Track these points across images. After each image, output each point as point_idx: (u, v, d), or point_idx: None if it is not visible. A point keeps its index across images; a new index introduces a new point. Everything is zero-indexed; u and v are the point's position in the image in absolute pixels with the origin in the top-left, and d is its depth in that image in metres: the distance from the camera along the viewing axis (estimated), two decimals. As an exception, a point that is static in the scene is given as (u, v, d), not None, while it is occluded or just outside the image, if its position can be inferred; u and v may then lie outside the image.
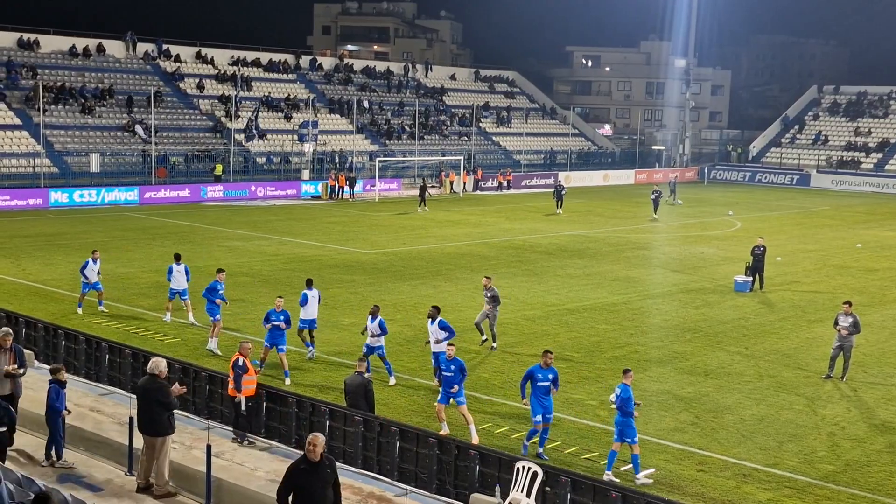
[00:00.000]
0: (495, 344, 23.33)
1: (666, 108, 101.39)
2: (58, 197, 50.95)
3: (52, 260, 33.85)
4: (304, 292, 21.82)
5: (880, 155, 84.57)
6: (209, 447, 13.37)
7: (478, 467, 13.67)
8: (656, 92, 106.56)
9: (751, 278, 31.71)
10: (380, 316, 20.23)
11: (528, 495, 12.86)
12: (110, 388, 17.87)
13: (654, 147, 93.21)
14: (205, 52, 74.73)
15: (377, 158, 64.57)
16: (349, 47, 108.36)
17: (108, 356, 18.61)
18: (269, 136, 68.20)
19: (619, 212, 56.67)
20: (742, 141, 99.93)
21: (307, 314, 21.57)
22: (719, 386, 20.83)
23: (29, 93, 59.58)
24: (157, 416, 13.57)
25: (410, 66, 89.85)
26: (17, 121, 57.99)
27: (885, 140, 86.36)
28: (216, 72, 72.90)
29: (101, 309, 25.76)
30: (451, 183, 65.93)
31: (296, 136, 67.20)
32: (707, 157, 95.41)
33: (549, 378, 16.31)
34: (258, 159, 65.61)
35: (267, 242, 39.63)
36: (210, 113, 68.06)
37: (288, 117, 70.79)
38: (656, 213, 52.51)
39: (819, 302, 30.12)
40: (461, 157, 69.06)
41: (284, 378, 19.99)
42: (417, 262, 35.65)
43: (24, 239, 38.75)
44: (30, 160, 55.04)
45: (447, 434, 16.24)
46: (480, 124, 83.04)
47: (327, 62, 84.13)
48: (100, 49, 68.74)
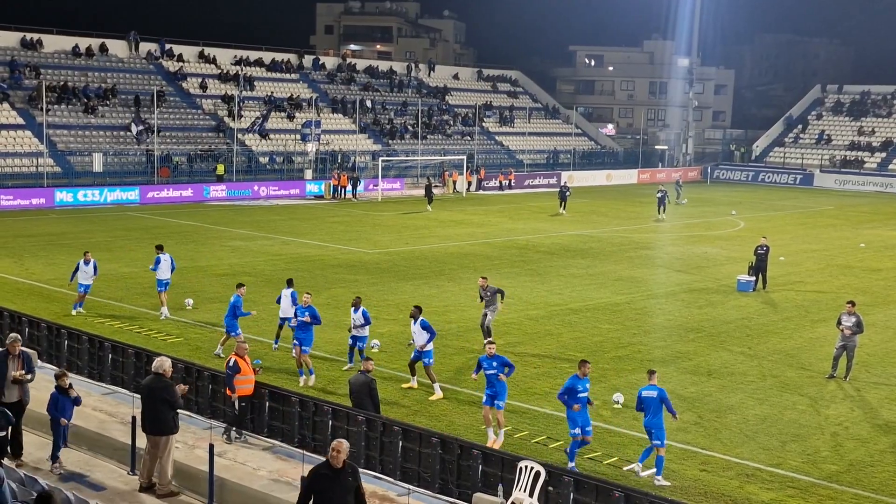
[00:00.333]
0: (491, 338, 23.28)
1: (669, 108, 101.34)
2: (63, 196, 51.03)
3: (55, 259, 33.87)
4: (282, 292, 22.45)
5: (884, 154, 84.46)
6: (212, 446, 13.36)
7: (480, 467, 13.65)
8: (659, 91, 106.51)
9: (754, 278, 31.68)
10: (363, 307, 20.79)
11: (530, 495, 12.83)
12: (113, 387, 17.88)
13: (657, 147, 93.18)
14: (208, 51, 74.78)
15: (380, 158, 64.57)
16: (352, 47, 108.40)
17: (110, 356, 18.60)
18: (271, 136, 68.21)
19: (622, 211, 56.63)
20: (745, 140, 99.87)
21: (285, 312, 22.12)
22: (722, 386, 20.80)
23: (32, 92, 59.64)
24: (162, 416, 13.56)
25: (413, 65, 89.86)
26: (20, 120, 58.05)
27: (889, 139, 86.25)
28: (219, 71, 72.94)
29: (79, 310, 25.36)
30: (455, 183, 65.93)
31: (299, 136, 67.23)
32: (710, 156, 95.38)
33: (587, 388, 15.93)
34: (261, 159, 65.64)
35: (270, 242, 39.63)
36: (213, 113, 68.10)
37: (291, 117, 70.82)
38: (662, 213, 52.37)
39: (822, 302, 30.07)
40: (464, 157, 69.08)
41: (302, 377, 19.95)
42: (420, 262, 35.64)
43: (27, 238, 38.78)
44: (33, 160, 55.10)
45: (493, 443, 16.12)
46: (483, 124, 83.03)
47: (330, 62, 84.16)
48: (103, 49, 68.81)
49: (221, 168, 60.40)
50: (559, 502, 12.86)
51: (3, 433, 13.33)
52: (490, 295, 23.15)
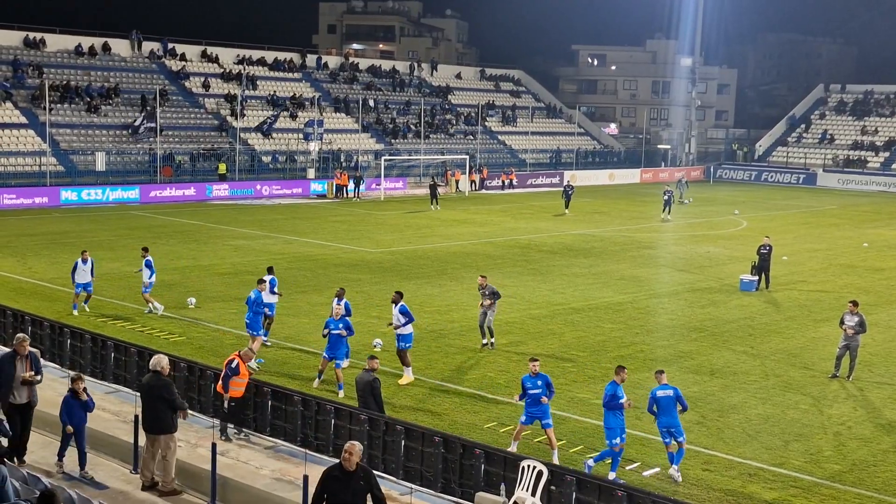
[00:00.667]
0: (493, 339, 23.23)
1: (672, 107, 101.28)
2: (66, 195, 51.11)
3: (58, 258, 33.89)
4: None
5: (887, 154, 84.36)
6: (214, 445, 13.37)
7: (483, 466, 13.65)
8: (662, 91, 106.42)
9: (757, 277, 31.65)
10: (345, 299, 21.13)
11: (533, 494, 12.83)
12: (115, 386, 17.90)
13: (659, 146, 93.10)
14: (210, 50, 74.83)
15: (383, 157, 64.59)
16: (354, 46, 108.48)
17: (113, 354, 18.63)
18: (274, 135, 68.22)
19: (624, 211, 56.61)
20: (748, 140, 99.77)
21: (265, 300, 22.33)
22: (725, 385, 20.79)
23: (35, 92, 59.71)
24: (161, 414, 13.55)
25: (416, 64, 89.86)
26: (23, 119, 58.11)
27: (892, 139, 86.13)
28: (221, 71, 72.98)
29: (84, 306, 25.28)
30: (457, 182, 65.92)
31: (301, 135, 67.24)
32: (713, 156, 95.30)
33: (624, 395, 15.71)
34: (264, 158, 65.66)
35: (272, 241, 39.65)
36: (215, 112, 68.12)
37: (293, 116, 70.83)
38: (668, 213, 52.19)
39: (825, 301, 30.05)
40: (466, 157, 69.07)
41: (317, 380, 19.65)
42: (423, 262, 35.64)
43: (30, 237, 38.81)
44: (36, 159, 55.14)
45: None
46: (486, 123, 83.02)
47: (333, 61, 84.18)
48: (105, 48, 68.85)
49: (223, 167, 60.43)
50: (561, 502, 12.86)
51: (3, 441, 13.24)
52: (488, 294, 23.08)
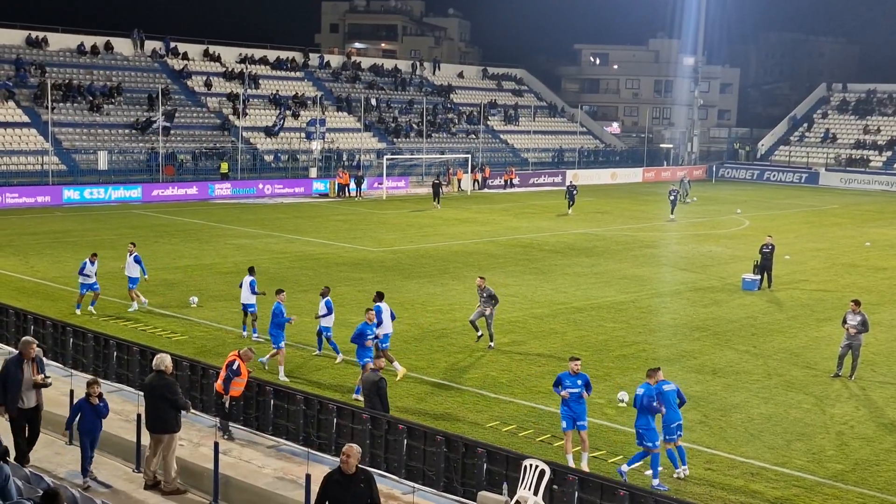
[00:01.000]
0: (493, 343, 23.13)
1: (674, 106, 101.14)
2: (69, 194, 51.17)
3: (61, 257, 33.92)
4: (243, 279, 23.61)
5: (889, 153, 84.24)
6: (217, 444, 13.39)
7: (485, 465, 13.65)
8: (665, 90, 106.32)
9: (759, 277, 31.63)
10: (328, 297, 21.60)
11: (535, 493, 12.84)
12: (118, 385, 17.93)
13: (662, 145, 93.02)
14: (212, 49, 74.85)
15: (385, 156, 64.60)
16: (357, 45, 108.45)
17: (115, 353, 18.65)
18: (280, 134, 68.22)
19: (626, 210, 56.58)
20: (750, 139, 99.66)
21: (245, 299, 23.34)
22: (727, 384, 20.78)
23: (37, 90, 59.74)
24: (164, 414, 13.57)
25: (418, 63, 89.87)
26: (25, 118, 58.15)
27: (895, 138, 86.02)
28: (224, 69, 73.01)
29: (91, 309, 25.17)
30: (459, 181, 65.92)
31: (303, 134, 67.25)
32: (715, 155, 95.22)
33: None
34: (266, 157, 65.68)
35: (274, 240, 39.66)
36: (218, 111, 68.15)
37: (296, 115, 70.84)
38: (673, 213, 52.02)
39: (827, 300, 30.03)
40: (468, 156, 69.06)
41: (354, 393, 18.98)
42: (425, 261, 35.64)
43: (32, 236, 38.84)
44: (38, 158, 55.18)
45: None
46: (488, 122, 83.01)
47: (335, 60, 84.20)
48: (108, 47, 68.89)
49: (225, 166, 60.45)
50: (564, 501, 12.86)
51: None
52: (486, 297, 23.02)
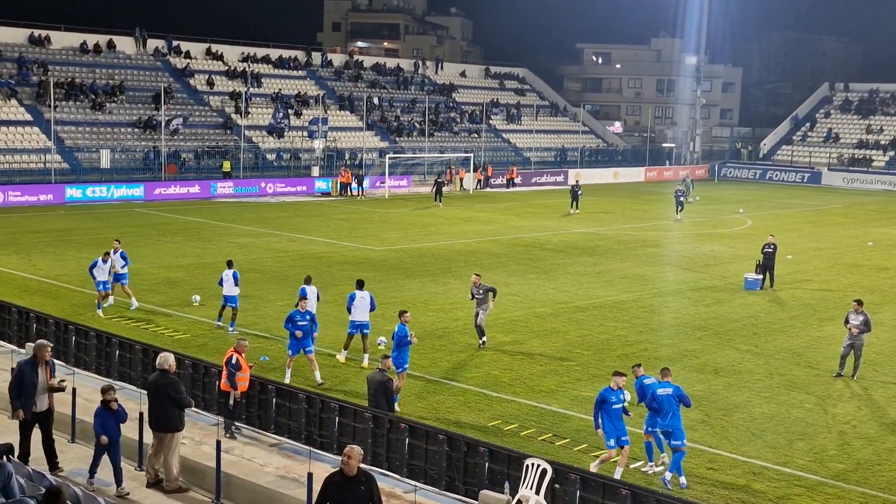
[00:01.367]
0: (484, 338, 23.06)
1: (677, 106, 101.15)
2: (72, 193, 51.23)
3: (63, 256, 33.95)
4: (223, 273, 24.10)
5: (892, 153, 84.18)
6: (219, 443, 13.39)
7: (487, 464, 13.65)
8: (667, 89, 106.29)
9: (761, 276, 31.62)
10: (310, 286, 22.16)
11: (537, 492, 12.83)
12: (120, 383, 17.89)
13: (664, 144, 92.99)
14: (215, 48, 74.87)
15: (387, 155, 64.59)
16: (359, 44, 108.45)
17: (118, 352, 18.66)
18: (285, 133, 68.22)
19: (629, 210, 56.56)
20: (753, 138, 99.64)
21: (227, 291, 23.78)
22: (729, 384, 20.78)
23: (40, 89, 59.77)
24: (168, 412, 13.56)
25: (420, 62, 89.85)
26: (27, 117, 58.18)
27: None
28: (226, 68, 73.03)
29: (99, 313, 25.04)
30: (461, 180, 65.91)
31: (306, 133, 67.26)
32: (718, 154, 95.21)
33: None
34: (268, 156, 65.70)
35: (277, 239, 39.68)
36: (220, 109, 68.17)
37: (298, 114, 70.85)
38: (679, 213, 51.56)
39: (830, 300, 30.01)
40: (470, 155, 69.05)
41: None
42: (427, 259, 35.64)
43: (34, 235, 38.86)
44: (40, 156, 55.22)
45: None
46: (490, 121, 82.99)
47: (337, 59, 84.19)
48: (110, 45, 68.91)
49: (227, 165, 60.46)
50: (566, 500, 12.86)
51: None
52: (482, 293, 23.00)
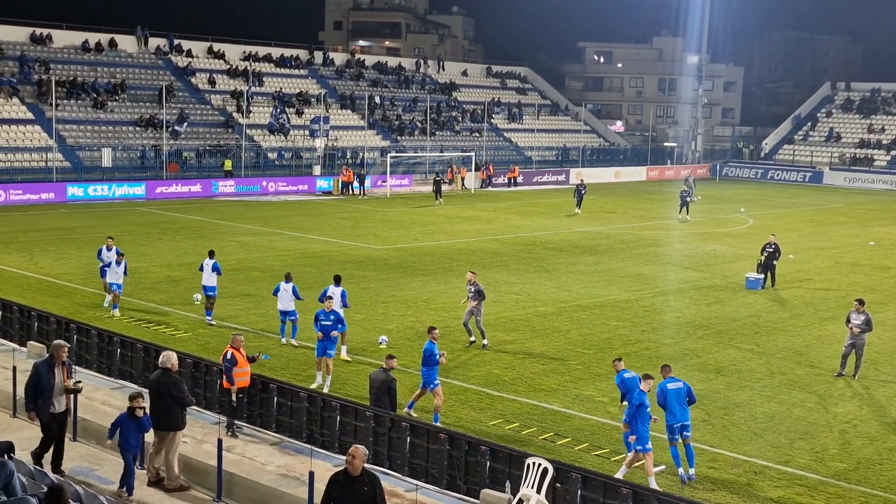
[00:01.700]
0: (486, 341, 23.00)
1: (678, 105, 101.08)
2: (73, 191, 51.27)
3: (65, 254, 33.97)
4: (204, 261, 24.80)
5: (894, 152, 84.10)
6: (220, 441, 13.39)
7: (488, 463, 13.66)
8: (669, 88, 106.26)
9: (763, 276, 31.61)
10: (293, 282, 22.69)
11: (538, 491, 12.84)
12: (121, 381, 17.95)
13: (666, 144, 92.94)
14: (216, 47, 74.87)
15: (388, 154, 64.59)
16: (361, 43, 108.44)
17: (119, 350, 18.68)
18: (284, 133, 68.20)
19: (630, 208, 56.55)
20: (754, 138, 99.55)
21: (206, 280, 24.43)
22: (730, 383, 20.78)
23: (41, 87, 59.78)
24: (170, 411, 13.56)
25: (422, 61, 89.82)
26: (29, 115, 58.20)
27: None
28: (228, 67, 73.02)
29: (115, 312, 24.89)
30: (463, 179, 65.92)
31: (307, 132, 67.26)
32: (719, 153, 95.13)
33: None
34: (269, 155, 65.70)
35: (278, 238, 39.69)
36: (222, 108, 68.17)
37: (299, 113, 70.85)
38: (685, 213, 51.25)
39: (831, 299, 30.00)
40: (472, 154, 69.03)
41: (410, 409, 17.92)
42: (428, 258, 35.65)
43: (36, 233, 38.89)
44: (42, 155, 55.24)
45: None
46: (492, 120, 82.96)
47: (339, 58, 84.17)
48: (112, 44, 68.92)
49: (229, 164, 60.46)
50: (567, 499, 12.87)
51: None
52: (473, 291, 22.98)
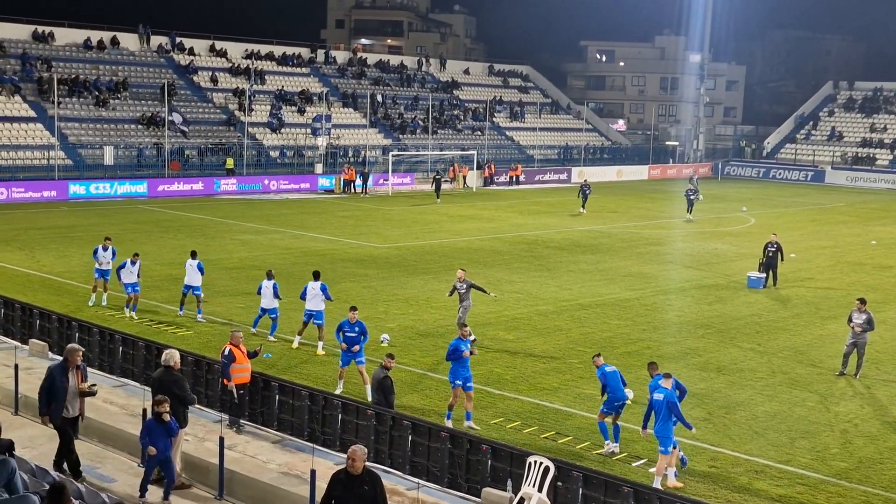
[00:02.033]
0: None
1: (680, 104, 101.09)
2: (76, 189, 51.31)
3: (66, 252, 34.00)
4: (187, 261, 24.96)
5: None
6: (222, 439, 13.40)
7: (490, 462, 13.67)
8: (671, 87, 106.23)
9: (764, 275, 31.61)
10: (273, 280, 22.88)
11: (539, 490, 12.85)
12: (123, 379, 17.96)
13: (667, 143, 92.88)
14: (218, 45, 74.88)
15: (390, 153, 64.60)
16: (363, 41, 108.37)
17: (121, 348, 18.70)
18: (282, 130, 68.28)
19: (632, 208, 56.54)
20: (756, 137, 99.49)
21: (190, 280, 24.63)
22: (732, 382, 20.78)
23: (43, 85, 59.81)
24: (173, 409, 13.56)
25: (424, 60, 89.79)
26: (31, 113, 58.23)
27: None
28: (230, 65, 73.03)
29: (132, 314, 24.69)
30: (464, 178, 65.91)
31: (309, 130, 67.27)
32: (721, 152, 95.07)
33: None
34: (271, 153, 65.72)
35: (280, 236, 39.70)
36: (224, 106, 68.19)
37: (301, 111, 70.86)
38: (690, 212, 51.20)
39: (833, 299, 30.00)
40: (474, 152, 69.03)
41: (466, 418, 17.38)
42: (430, 257, 35.65)
43: (38, 231, 38.92)
44: (44, 152, 55.27)
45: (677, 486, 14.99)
46: (494, 119, 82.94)
47: (341, 56, 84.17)
48: (114, 42, 68.94)
49: (230, 162, 60.48)
50: (568, 497, 12.88)
51: None
52: (465, 289, 22.99)
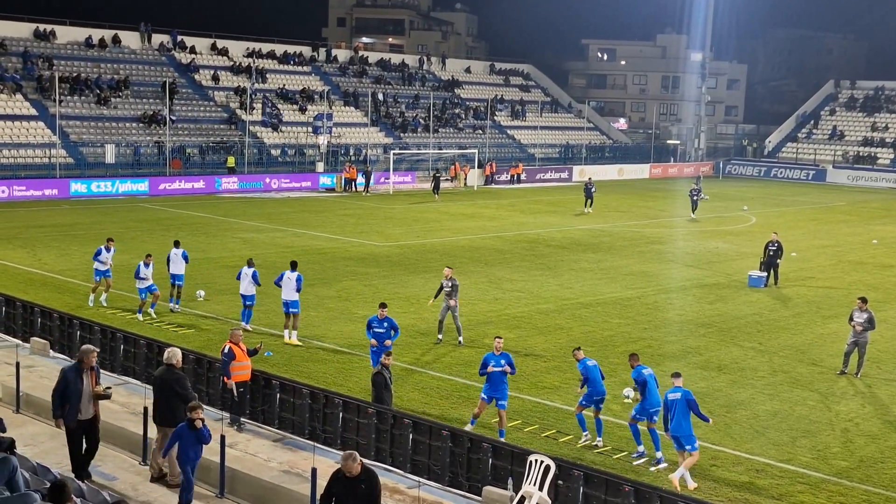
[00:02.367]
0: (462, 338, 22.97)
1: (682, 102, 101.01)
2: (77, 187, 51.33)
3: (68, 250, 34.01)
4: (171, 252, 25.56)
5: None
6: (223, 437, 13.41)
7: (490, 460, 13.68)
8: (672, 86, 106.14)
9: (765, 274, 31.61)
10: (254, 268, 23.65)
11: (540, 488, 12.85)
12: (124, 377, 17.97)
13: (669, 141, 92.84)
14: (220, 43, 74.85)
15: (391, 151, 64.59)
16: (364, 39, 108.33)
17: (122, 346, 18.71)
18: (283, 129, 68.29)
19: (633, 206, 56.53)
20: (758, 136, 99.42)
21: (175, 270, 25.28)
22: (733, 381, 20.78)
23: (45, 83, 59.82)
24: (174, 407, 13.58)
25: (425, 58, 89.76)
26: (33, 111, 58.23)
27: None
28: (231, 63, 73.02)
29: (151, 312, 24.63)
30: (465, 176, 65.90)
31: (310, 129, 67.26)
32: (722, 151, 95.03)
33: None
34: (273, 151, 65.72)
35: (281, 234, 39.71)
36: (225, 105, 68.19)
37: (303, 109, 70.85)
38: (694, 213, 51.09)
39: (834, 298, 29.99)
40: (475, 151, 69.03)
41: (499, 435, 16.58)
42: (431, 256, 35.65)
43: (39, 229, 38.94)
44: (45, 151, 55.27)
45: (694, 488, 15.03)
46: (495, 118, 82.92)
47: (342, 54, 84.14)
48: (115, 40, 68.91)
49: (232, 160, 60.47)
50: (569, 496, 12.89)
51: None
52: (451, 287, 22.99)
